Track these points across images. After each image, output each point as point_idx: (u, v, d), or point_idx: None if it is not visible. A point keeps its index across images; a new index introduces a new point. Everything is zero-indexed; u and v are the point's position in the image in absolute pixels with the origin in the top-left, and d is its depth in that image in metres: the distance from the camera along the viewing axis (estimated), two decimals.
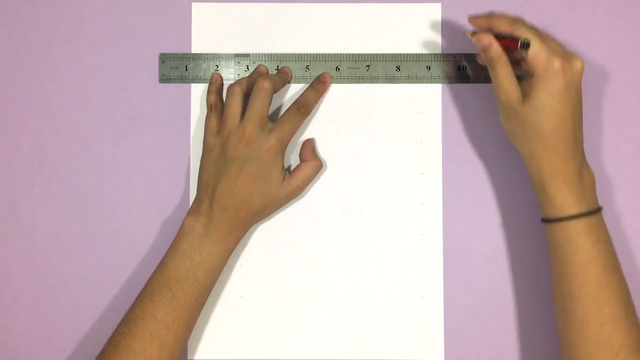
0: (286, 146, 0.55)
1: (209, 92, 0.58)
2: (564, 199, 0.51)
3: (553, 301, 0.54)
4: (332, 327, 0.59)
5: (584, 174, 0.52)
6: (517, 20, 0.52)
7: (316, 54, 0.59)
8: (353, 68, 0.59)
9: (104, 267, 0.59)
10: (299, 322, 0.59)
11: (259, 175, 0.54)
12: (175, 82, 0.60)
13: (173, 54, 0.60)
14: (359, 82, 0.59)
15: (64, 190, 0.59)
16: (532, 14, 0.60)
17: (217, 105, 0.57)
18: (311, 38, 0.60)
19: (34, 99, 0.60)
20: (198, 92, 0.60)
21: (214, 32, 0.60)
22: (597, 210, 0.52)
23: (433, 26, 0.60)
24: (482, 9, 0.60)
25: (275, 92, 0.57)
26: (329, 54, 0.59)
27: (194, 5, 0.60)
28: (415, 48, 0.60)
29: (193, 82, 0.60)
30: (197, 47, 0.60)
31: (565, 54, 0.51)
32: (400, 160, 0.60)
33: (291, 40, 0.60)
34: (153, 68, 0.60)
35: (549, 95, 0.50)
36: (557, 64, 0.50)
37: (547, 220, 0.53)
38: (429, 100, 0.60)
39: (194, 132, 0.60)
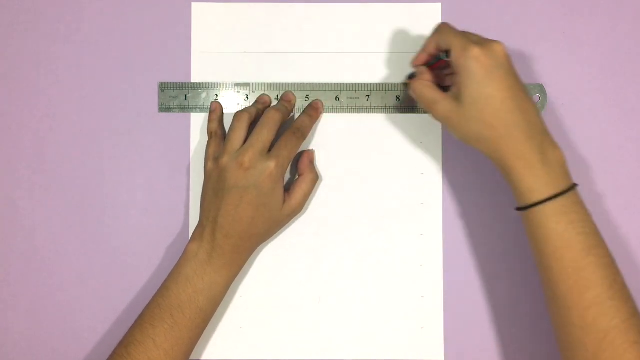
0: (285, 171, 0.55)
1: (209, 120, 0.58)
2: (530, 184, 0.50)
3: (543, 290, 0.52)
4: (332, 327, 0.59)
5: (547, 153, 0.50)
6: (436, 31, 0.54)
7: (316, 84, 0.59)
8: (353, 98, 0.59)
9: (104, 268, 0.59)
10: (299, 322, 0.59)
11: (259, 202, 0.53)
12: (174, 111, 0.60)
13: (172, 83, 0.60)
14: (359, 112, 0.59)
15: (64, 190, 0.59)
16: (530, 14, 0.60)
17: (217, 133, 0.57)
18: (311, 38, 0.60)
19: (34, 99, 0.60)
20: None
21: (214, 32, 0.60)
22: (568, 190, 0.50)
23: (433, 26, 0.60)
24: (481, 9, 0.60)
25: (285, 119, 0.56)
26: (328, 84, 0.59)
27: (194, 5, 0.60)
28: (415, 48, 0.60)
29: (193, 112, 0.60)
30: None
31: (483, 42, 0.51)
32: (401, 160, 0.60)
33: (291, 40, 0.60)
34: (152, 97, 0.60)
35: (477, 84, 0.50)
36: (474, 51, 0.50)
37: (518, 209, 0.52)
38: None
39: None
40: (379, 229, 0.59)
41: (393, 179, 0.60)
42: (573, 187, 0.50)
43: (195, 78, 0.60)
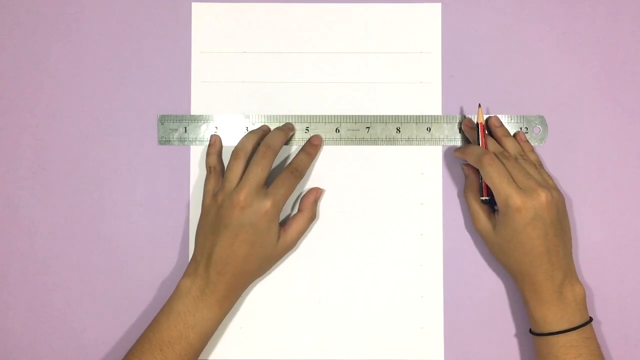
0: (281, 209, 0.55)
1: (208, 154, 0.58)
2: (544, 317, 0.53)
3: None
4: (332, 327, 0.59)
5: (565, 292, 0.53)
6: (482, 171, 0.54)
7: (316, 116, 0.59)
8: (353, 130, 0.59)
9: (104, 268, 0.59)
10: (299, 322, 0.59)
11: (254, 240, 0.53)
12: (174, 144, 0.59)
13: (172, 115, 0.59)
14: (359, 144, 0.60)
15: (64, 191, 0.59)
16: (530, 14, 0.60)
17: (216, 168, 0.57)
18: (311, 38, 0.60)
19: (33, 99, 0.60)
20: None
21: (214, 32, 0.60)
22: (581, 326, 0.53)
23: (433, 26, 0.60)
24: (481, 9, 0.60)
25: (278, 151, 0.56)
26: (329, 116, 0.59)
27: (194, 5, 0.60)
28: (416, 48, 0.60)
29: (192, 144, 0.59)
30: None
31: (528, 188, 0.52)
32: (401, 160, 0.60)
33: (291, 40, 0.60)
34: (152, 130, 0.60)
35: (512, 231, 0.53)
36: (516, 203, 0.52)
37: (531, 333, 0.55)
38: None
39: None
40: (379, 229, 0.59)
41: (393, 179, 0.60)
42: (587, 323, 0.53)
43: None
